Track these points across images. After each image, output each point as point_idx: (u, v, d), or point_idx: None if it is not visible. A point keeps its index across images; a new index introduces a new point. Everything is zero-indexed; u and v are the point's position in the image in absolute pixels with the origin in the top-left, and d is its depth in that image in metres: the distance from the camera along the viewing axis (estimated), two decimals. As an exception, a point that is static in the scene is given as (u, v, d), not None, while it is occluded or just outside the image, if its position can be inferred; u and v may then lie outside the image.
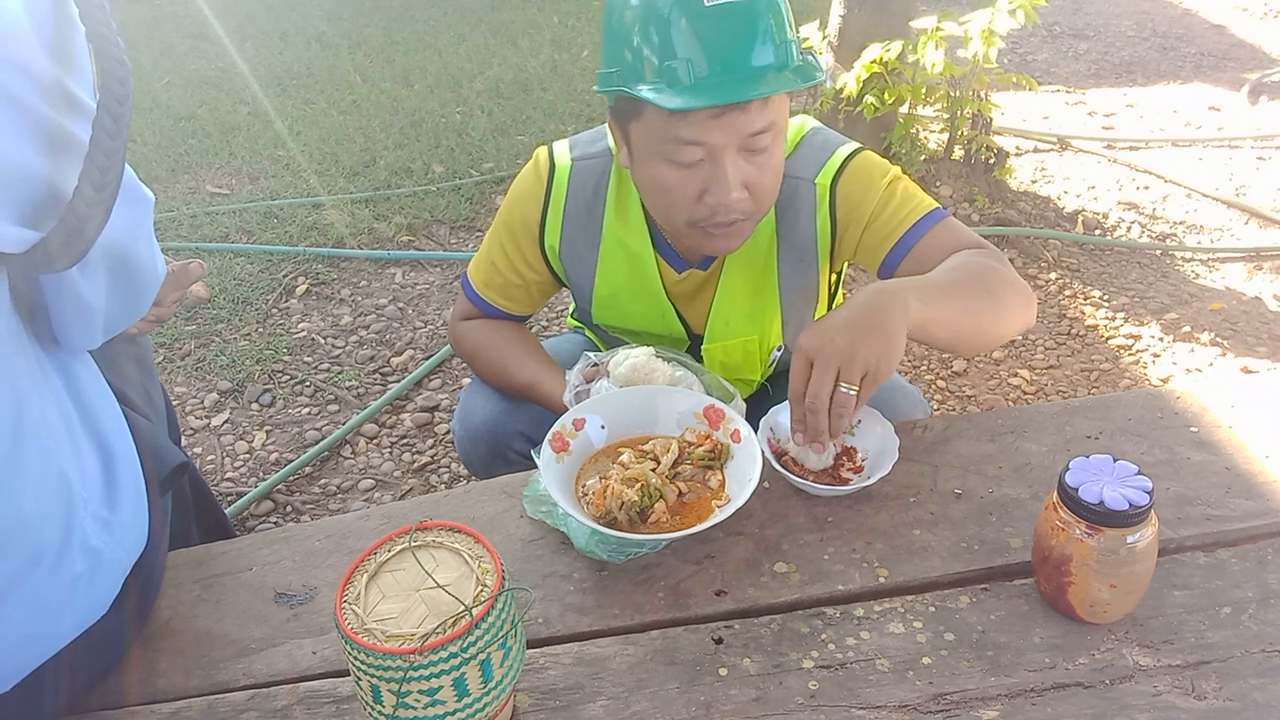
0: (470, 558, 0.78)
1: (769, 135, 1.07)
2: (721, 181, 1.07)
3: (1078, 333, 2.60)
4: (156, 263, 0.94)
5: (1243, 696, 0.81)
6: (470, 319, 1.40)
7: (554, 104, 4.10)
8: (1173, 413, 1.17)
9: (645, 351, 1.16)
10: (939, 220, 1.19)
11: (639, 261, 1.29)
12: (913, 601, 0.92)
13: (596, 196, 1.27)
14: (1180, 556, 0.96)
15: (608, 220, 1.28)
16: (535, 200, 1.29)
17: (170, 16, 5.42)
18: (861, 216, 1.21)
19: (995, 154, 3.15)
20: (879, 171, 1.22)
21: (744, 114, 1.03)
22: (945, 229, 1.18)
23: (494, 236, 1.35)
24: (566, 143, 1.31)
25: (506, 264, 1.34)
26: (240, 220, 3.21)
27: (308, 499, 2.10)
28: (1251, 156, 3.59)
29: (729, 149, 1.06)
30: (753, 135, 1.06)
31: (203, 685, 0.91)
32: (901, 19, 3.05)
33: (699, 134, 1.04)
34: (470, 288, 1.39)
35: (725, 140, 1.05)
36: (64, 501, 0.83)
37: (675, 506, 1.00)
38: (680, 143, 1.06)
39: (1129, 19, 5.29)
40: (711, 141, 1.05)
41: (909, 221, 1.19)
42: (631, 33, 1.04)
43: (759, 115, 1.04)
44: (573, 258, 1.32)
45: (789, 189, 1.22)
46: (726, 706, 0.83)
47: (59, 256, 0.72)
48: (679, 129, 1.05)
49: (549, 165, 1.29)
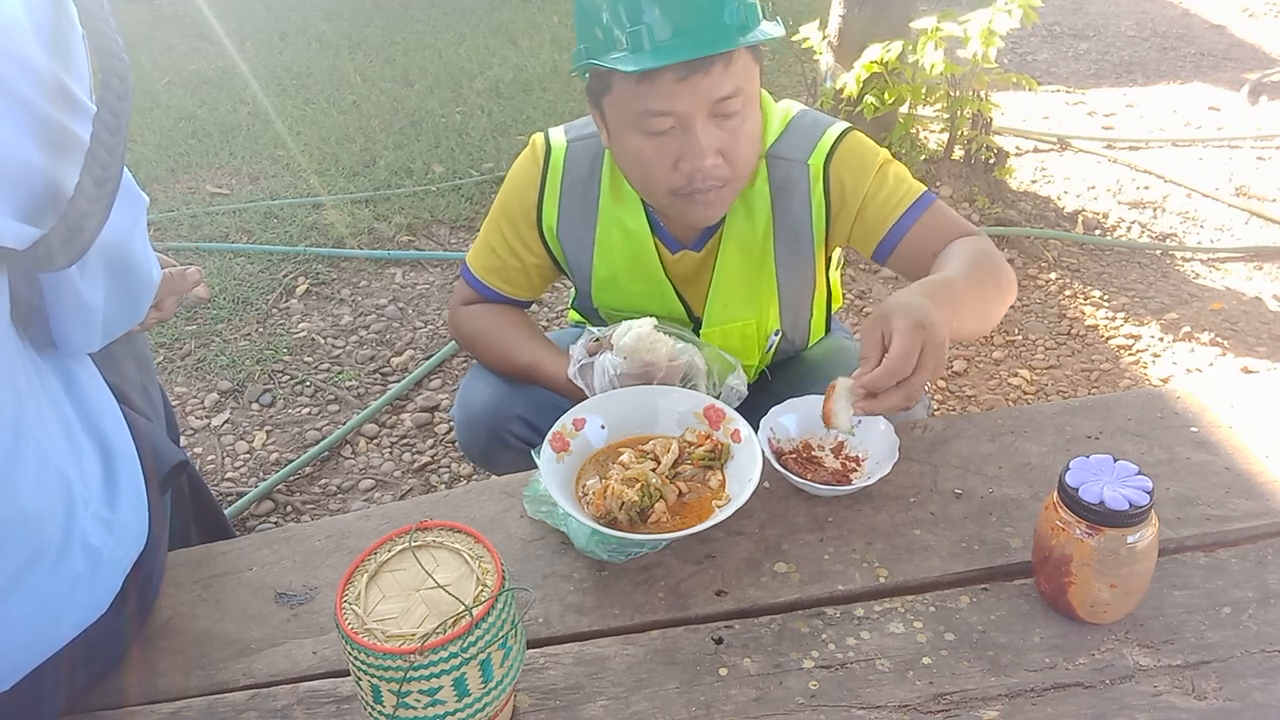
0: (470, 558, 0.78)
1: (738, 100, 1.09)
2: (694, 148, 1.09)
3: (1078, 333, 2.60)
4: (152, 265, 0.94)
5: (1243, 696, 0.81)
6: (470, 305, 1.41)
7: (554, 104, 4.10)
8: (1173, 413, 1.17)
9: (648, 322, 1.17)
10: (929, 205, 1.23)
11: (636, 240, 1.30)
12: (913, 601, 0.92)
13: (592, 177, 1.29)
14: (1180, 556, 0.96)
15: (604, 200, 1.29)
16: (532, 183, 1.31)
17: (170, 16, 5.42)
18: (855, 200, 1.23)
19: (995, 154, 3.15)
20: (870, 153, 1.24)
21: (707, 77, 1.05)
22: (936, 214, 1.22)
23: (492, 222, 1.37)
24: (562, 128, 1.33)
25: (505, 248, 1.35)
26: (240, 220, 3.21)
27: (308, 499, 2.10)
28: (1251, 156, 3.59)
29: (698, 115, 1.08)
30: (720, 100, 1.07)
31: (203, 685, 0.91)
32: (901, 19, 3.05)
33: (667, 102, 1.06)
34: (470, 273, 1.40)
35: (692, 106, 1.07)
36: (64, 501, 0.83)
37: (675, 506, 1.00)
38: (650, 114, 1.08)
39: (1129, 19, 5.29)
40: (679, 109, 1.07)
41: (902, 207, 1.22)
42: (600, 8, 1.07)
43: (723, 78, 1.06)
44: (570, 238, 1.33)
45: (781, 172, 1.24)
46: (726, 706, 0.83)
47: (60, 254, 0.72)
48: (647, 99, 1.07)
49: (545, 148, 1.31)
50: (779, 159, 1.24)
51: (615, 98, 1.11)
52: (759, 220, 1.26)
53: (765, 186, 1.25)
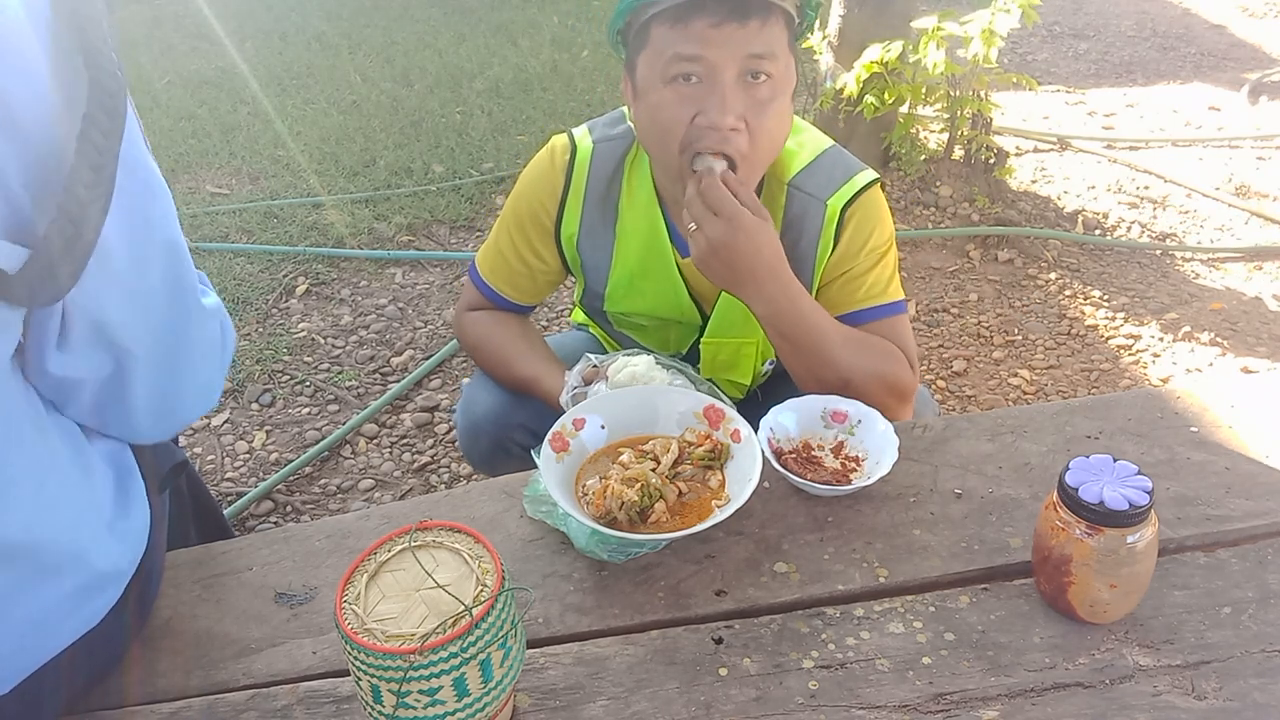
0: (470, 558, 0.78)
1: (770, 64, 1.08)
2: (718, 100, 1.08)
3: (1078, 333, 2.60)
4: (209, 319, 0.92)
5: (1243, 696, 0.81)
6: (476, 309, 1.41)
7: (554, 104, 4.10)
8: (1173, 413, 1.17)
9: (645, 360, 1.17)
10: (896, 314, 1.25)
11: (653, 240, 1.29)
12: (913, 601, 0.92)
13: (615, 175, 1.28)
14: (1180, 556, 0.96)
15: (623, 201, 1.29)
16: (551, 191, 1.30)
17: (170, 16, 5.42)
18: (846, 265, 1.24)
19: (995, 154, 3.15)
20: (885, 223, 1.25)
21: (742, 29, 1.05)
22: (898, 325, 1.25)
23: (503, 225, 1.36)
24: (585, 127, 1.31)
25: (514, 253, 1.35)
26: (240, 220, 3.21)
27: (308, 499, 2.10)
28: (1251, 156, 3.59)
29: (728, 69, 1.07)
30: (751, 57, 1.07)
31: (203, 685, 0.90)
32: (901, 19, 3.05)
33: (698, 46, 1.06)
34: (477, 275, 1.39)
35: (723, 57, 1.06)
36: (71, 524, 0.82)
37: (675, 506, 1.00)
38: (680, 58, 1.07)
39: (1129, 19, 5.29)
40: (710, 56, 1.06)
41: (876, 300, 1.24)
42: None
43: (757, 36, 1.06)
44: (590, 244, 1.32)
45: (799, 206, 1.23)
46: (726, 706, 0.83)
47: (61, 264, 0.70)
48: (679, 43, 1.07)
49: (569, 151, 1.29)
50: (799, 191, 1.23)
51: (650, 52, 1.10)
52: None
53: (780, 215, 1.24)
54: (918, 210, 3.15)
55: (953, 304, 2.74)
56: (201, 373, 0.93)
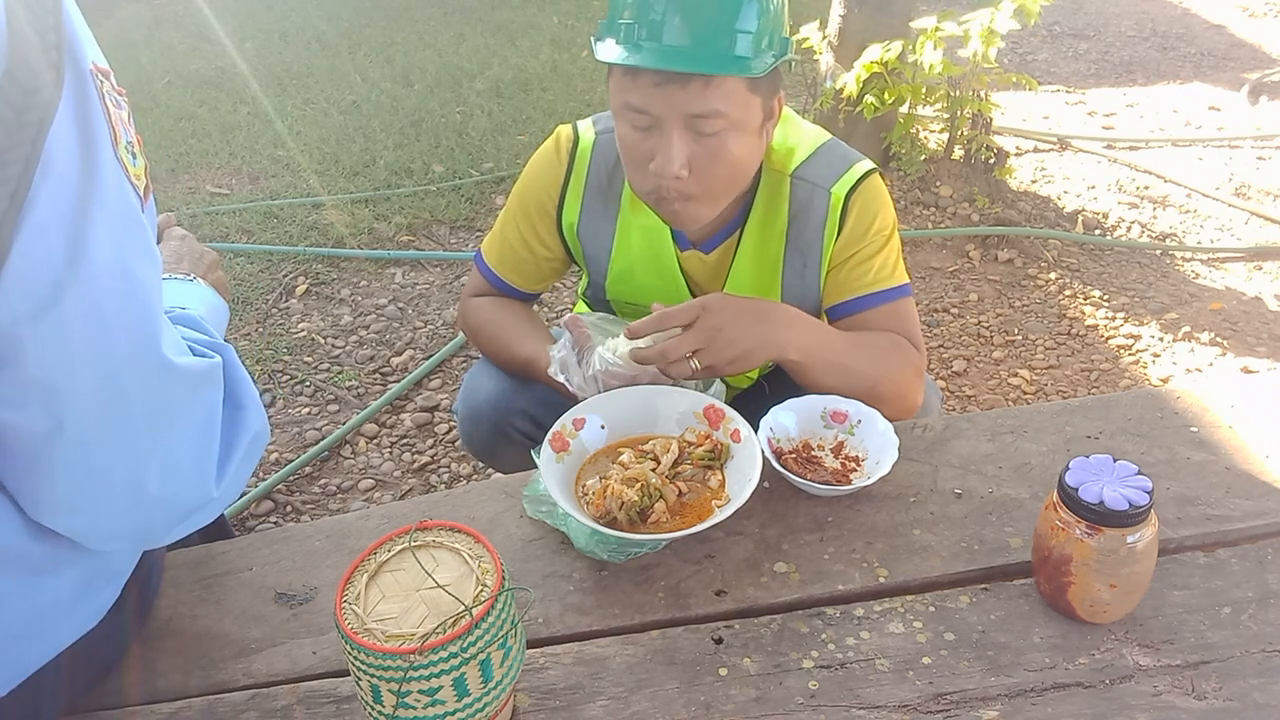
0: (470, 558, 0.78)
1: (717, 122, 1.07)
2: (665, 152, 1.08)
3: (1078, 333, 2.60)
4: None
5: (1243, 696, 0.81)
6: (480, 295, 1.42)
7: (554, 104, 4.10)
8: (1173, 413, 1.17)
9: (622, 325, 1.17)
10: (900, 298, 1.25)
11: (654, 234, 1.30)
12: (913, 601, 0.92)
13: (617, 168, 1.29)
14: (1180, 556, 0.96)
15: (625, 194, 1.30)
16: (554, 179, 1.32)
17: (170, 16, 5.42)
18: (851, 249, 1.24)
19: (995, 154, 3.15)
20: (886, 208, 1.25)
21: (683, 90, 1.04)
22: (903, 309, 1.25)
23: (508, 213, 1.38)
24: (591, 119, 1.33)
25: (519, 240, 1.36)
26: (240, 220, 3.21)
27: (308, 499, 2.10)
28: (1251, 156, 3.59)
29: (674, 123, 1.07)
30: (695, 117, 1.06)
31: (203, 685, 0.90)
32: (901, 19, 3.05)
33: (643, 101, 1.07)
34: (482, 261, 1.41)
35: (665, 112, 1.06)
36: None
37: (675, 506, 1.00)
38: (629, 108, 1.09)
39: (1129, 19, 5.29)
40: (653, 111, 1.07)
41: (881, 285, 1.24)
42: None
43: (700, 96, 1.04)
44: (590, 233, 1.33)
45: (804, 194, 1.24)
46: (726, 706, 0.83)
47: None
48: (627, 93, 1.08)
49: (572, 141, 1.31)
50: (803, 181, 1.24)
51: (611, 84, 1.12)
52: (774, 238, 1.27)
53: (785, 206, 1.25)
54: (918, 210, 3.15)
55: (953, 304, 2.74)
56: (180, 453, 0.74)
